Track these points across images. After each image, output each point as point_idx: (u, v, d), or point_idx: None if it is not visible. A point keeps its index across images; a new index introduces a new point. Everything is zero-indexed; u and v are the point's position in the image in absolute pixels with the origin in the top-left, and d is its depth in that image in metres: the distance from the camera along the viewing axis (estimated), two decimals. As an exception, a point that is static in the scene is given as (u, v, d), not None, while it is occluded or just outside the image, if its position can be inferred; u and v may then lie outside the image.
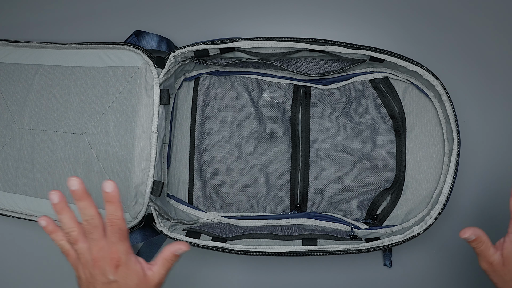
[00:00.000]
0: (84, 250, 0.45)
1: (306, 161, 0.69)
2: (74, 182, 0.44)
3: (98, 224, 0.45)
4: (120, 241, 0.45)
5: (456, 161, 0.59)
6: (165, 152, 0.69)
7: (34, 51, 0.69)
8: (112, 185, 0.44)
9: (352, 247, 0.59)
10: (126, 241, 0.46)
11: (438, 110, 0.63)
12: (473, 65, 0.70)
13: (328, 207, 0.68)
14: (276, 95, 0.69)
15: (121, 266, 0.45)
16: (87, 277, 0.45)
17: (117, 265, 0.45)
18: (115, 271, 0.45)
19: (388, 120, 0.67)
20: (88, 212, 0.45)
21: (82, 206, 0.45)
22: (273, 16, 0.74)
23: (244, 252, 0.59)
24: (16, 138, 0.67)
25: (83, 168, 0.63)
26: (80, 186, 0.44)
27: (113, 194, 0.44)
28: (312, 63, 0.65)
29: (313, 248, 0.59)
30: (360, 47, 0.58)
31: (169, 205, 0.69)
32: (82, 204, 0.45)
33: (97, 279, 0.45)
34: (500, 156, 0.69)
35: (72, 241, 0.46)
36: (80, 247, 0.45)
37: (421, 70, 0.59)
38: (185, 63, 0.66)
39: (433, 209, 0.60)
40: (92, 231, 0.45)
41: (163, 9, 0.76)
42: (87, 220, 0.45)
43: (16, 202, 0.67)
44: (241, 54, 0.63)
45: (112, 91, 0.63)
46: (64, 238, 0.47)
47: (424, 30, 0.71)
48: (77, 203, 0.45)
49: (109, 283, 0.45)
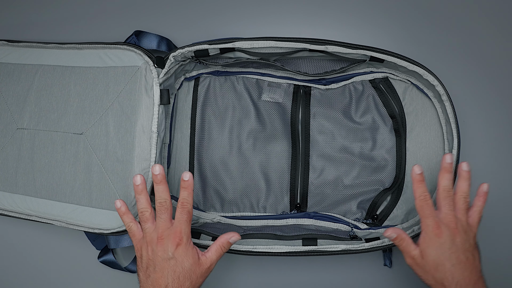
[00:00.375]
0: (151, 230, 0.53)
1: (306, 161, 0.69)
2: (157, 168, 0.53)
3: (168, 207, 0.53)
4: (186, 222, 0.52)
5: (456, 161, 0.59)
6: (165, 152, 0.69)
7: (34, 51, 0.69)
8: (190, 175, 0.53)
9: (352, 247, 0.59)
10: (190, 226, 0.53)
11: (438, 110, 0.63)
12: (473, 65, 0.70)
13: (328, 207, 0.68)
14: (276, 95, 0.69)
15: (181, 245, 0.51)
16: (148, 255, 0.52)
17: (179, 243, 0.51)
18: (175, 249, 0.51)
19: (388, 120, 0.67)
20: (163, 195, 0.53)
21: (159, 189, 0.53)
22: (273, 16, 0.74)
23: (244, 252, 0.59)
24: (16, 138, 0.67)
25: (83, 168, 0.63)
26: (162, 173, 0.53)
27: (189, 183, 0.53)
28: (312, 63, 0.65)
29: (313, 248, 0.59)
30: (360, 47, 0.58)
31: (169, 205, 0.70)
32: (160, 188, 0.53)
33: (158, 255, 0.51)
34: (500, 156, 0.69)
35: (143, 219, 0.53)
36: (149, 226, 0.53)
37: (421, 70, 0.59)
38: (185, 63, 0.66)
39: (433, 209, 0.60)
40: (163, 212, 0.52)
41: (163, 9, 0.76)
42: (160, 202, 0.53)
43: (16, 202, 0.67)
44: (241, 54, 0.63)
45: (112, 91, 0.63)
46: (133, 221, 0.54)
47: (424, 30, 0.71)
48: (156, 186, 0.53)
49: (168, 260, 0.51)
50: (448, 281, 0.50)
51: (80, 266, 0.74)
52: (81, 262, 0.74)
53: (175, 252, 0.51)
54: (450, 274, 0.50)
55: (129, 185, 0.61)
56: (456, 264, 0.50)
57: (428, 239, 0.52)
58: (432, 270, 0.51)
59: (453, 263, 0.50)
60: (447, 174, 0.53)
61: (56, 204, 0.65)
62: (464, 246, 0.51)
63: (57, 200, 0.65)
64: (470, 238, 0.52)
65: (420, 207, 0.53)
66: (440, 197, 0.53)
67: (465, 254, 0.51)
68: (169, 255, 0.51)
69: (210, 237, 0.62)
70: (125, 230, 0.62)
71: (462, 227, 0.52)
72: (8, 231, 0.77)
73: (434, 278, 0.51)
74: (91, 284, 0.74)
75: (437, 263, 0.51)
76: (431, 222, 0.52)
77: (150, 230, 0.53)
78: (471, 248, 0.52)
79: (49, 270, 0.75)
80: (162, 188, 0.53)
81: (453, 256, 0.50)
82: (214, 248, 0.54)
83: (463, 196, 0.53)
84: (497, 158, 0.69)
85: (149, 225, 0.53)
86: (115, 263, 0.70)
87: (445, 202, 0.53)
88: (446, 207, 0.52)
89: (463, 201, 0.53)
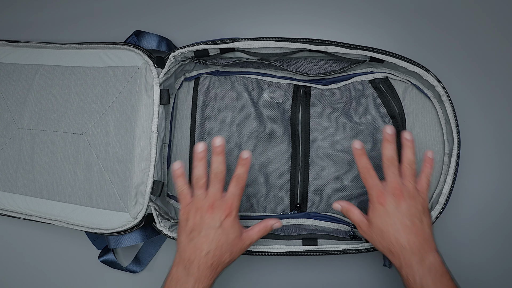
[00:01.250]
0: (203, 197, 0.53)
1: (306, 161, 0.69)
2: (219, 139, 0.54)
3: (222, 178, 0.54)
4: (238, 196, 0.54)
5: (456, 161, 0.59)
6: (165, 152, 0.69)
7: (34, 51, 0.69)
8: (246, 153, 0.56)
9: (352, 247, 0.59)
10: (240, 201, 0.54)
11: (438, 110, 0.63)
12: (473, 65, 0.70)
13: (328, 207, 0.68)
14: (276, 95, 0.69)
15: (230, 217, 0.52)
16: (195, 220, 0.52)
17: (228, 215, 0.52)
18: (224, 219, 0.52)
19: (388, 120, 0.67)
20: (221, 166, 0.54)
21: (218, 160, 0.54)
22: (273, 16, 0.74)
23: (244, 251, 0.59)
24: (16, 138, 0.67)
25: (83, 168, 0.64)
26: (223, 144, 0.54)
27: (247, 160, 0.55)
28: (312, 63, 0.65)
29: (313, 248, 0.59)
30: (360, 48, 0.58)
31: (169, 205, 0.70)
32: (218, 159, 0.54)
33: (206, 223, 0.52)
34: (500, 156, 0.69)
35: (198, 186, 0.54)
36: (201, 193, 0.54)
37: (421, 70, 0.59)
38: (185, 63, 0.66)
39: (433, 209, 0.60)
40: (217, 182, 0.54)
41: (163, 9, 0.76)
42: (216, 173, 0.54)
43: (16, 202, 0.67)
44: (241, 54, 0.63)
45: (112, 91, 0.63)
46: (185, 184, 0.55)
47: (424, 30, 0.71)
48: (215, 157, 0.54)
49: (215, 228, 0.51)
50: (393, 247, 0.51)
51: (80, 266, 0.74)
52: (81, 262, 0.74)
53: (223, 222, 0.52)
54: (394, 239, 0.51)
55: (129, 185, 0.62)
56: (400, 229, 0.51)
57: (373, 208, 0.53)
58: (379, 238, 0.52)
59: (396, 228, 0.51)
60: (389, 145, 0.55)
61: (56, 204, 0.65)
62: (410, 211, 0.51)
63: (57, 200, 0.65)
64: (418, 204, 0.52)
65: (364, 179, 0.54)
66: (384, 167, 0.54)
67: (411, 219, 0.51)
68: (217, 224, 0.52)
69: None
70: (125, 230, 0.62)
71: (409, 194, 0.52)
72: (8, 231, 0.77)
73: (382, 246, 0.53)
74: (91, 284, 0.74)
75: (382, 231, 0.52)
76: (375, 192, 0.53)
77: (202, 197, 0.54)
78: (419, 213, 0.52)
79: (49, 270, 0.75)
80: (221, 159, 0.54)
81: (397, 221, 0.51)
82: (257, 229, 0.55)
83: (409, 164, 0.54)
84: (497, 158, 0.69)
85: (201, 192, 0.54)
86: (115, 263, 0.70)
87: (389, 171, 0.54)
88: (390, 175, 0.54)
89: (409, 168, 0.54)
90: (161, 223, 0.62)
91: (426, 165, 0.56)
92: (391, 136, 0.55)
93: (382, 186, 0.53)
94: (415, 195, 0.53)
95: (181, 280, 0.50)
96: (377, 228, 0.52)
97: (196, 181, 0.54)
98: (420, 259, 0.50)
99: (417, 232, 0.51)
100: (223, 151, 0.55)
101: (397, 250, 0.51)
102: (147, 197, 0.61)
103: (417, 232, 0.51)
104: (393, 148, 0.55)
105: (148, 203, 0.61)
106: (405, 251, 0.50)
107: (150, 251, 0.72)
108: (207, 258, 0.51)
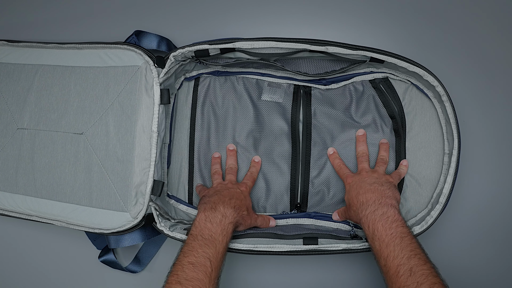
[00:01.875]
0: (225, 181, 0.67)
1: (306, 161, 0.69)
2: (232, 146, 0.70)
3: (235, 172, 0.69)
4: (251, 183, 0.67)
5: (456, 161, 0.59)
6: (165, 152, 0.69)
7: (34, 51, 0.69)
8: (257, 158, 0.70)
9: (353, 246, 0.59)
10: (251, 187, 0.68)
11: (438, 110, 0.63)
12: (473, 65, 0.70)
13: (329, 206, 0.68)
14: (276, 95, 0.69)
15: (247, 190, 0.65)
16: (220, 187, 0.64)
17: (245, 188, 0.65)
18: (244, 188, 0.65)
19: (388, 121, 0.67)
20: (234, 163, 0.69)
21: (232, 159, 0.69)
22: (273, 16, 0.74)
23: (245, 251, 0.59)
24: (16, 138, 0.67)
25: (84, 168, 0.63)
26: (235, 148, 0.70)
27: (259, 163, 0.69)
28: (312, 63, 0.65)
29: (314, 247, 0.59)
30: (360, 48, 0.58)
31: (169, 205, 0.69)
32: (232, 158, 0.69)
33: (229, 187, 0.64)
34: (500, 156, 0.69)
35: (230, 172, 0.68)
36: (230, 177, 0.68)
37: (421, 71, 0.59)
38: (185, 63, 0.66)
39: (434, 209, 0.60)
40: (231, 174, 0.68)
41: (163, 9, 0.76)
42: (231, 168, 0.69)
43: (17, 202, 0.67)
44: (242, 55, 0.63)
45: (112, 90, 0.63)
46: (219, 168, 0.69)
47: (424, 31, 0.71)
48: (230, 157, 0.69)
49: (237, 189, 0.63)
50: (355, 205, 0.58)
51: (80, 266, 0.74)
52: (82, 262, 0.74)
53: (244, 190, 0.64)
54: (355, 199, 0.59)
55: (129, 185, 0.61)
56: (361, 193, 0.59)
57: (346, 191, 0.63)
58: (351, 212, 0.60)
59: (357, 192, 0.59)
60: (361, 143, 0.66)
61: (57, 204, 0.65)
62: (371, 180, 0.60)
63: (58, 200, 0.65)
64: (381, 177, 0.61)
65: (338, 173, 0.66)
66: (358, 159, 0.66)
67: (371, 183, 0.59)
68: (239, 190, 0.63)
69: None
70: (125, 230, 0.62)
71: (374, 171, 0.62)
72: (8, 231, 0.77)
73: (353, 218, 0.61)
74: (91, 284, 0.74)
75: (350, 204, 0.61)
76: (345, 177, 0.64)
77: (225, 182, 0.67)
78: (380, 181, 0.60)
79: (49, 270, 0.75)
80: (234, 159, 0.69)
81: (359, 189, 0.59)
82: (262, 218, 0.66)
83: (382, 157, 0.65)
84: (497, 158, 0.69)
85: (231, 176, 0.68)
86: (115, 263, 0.70)
87: (360, 160, 0.65)
88: (362, 162, 0.65)
89: (382, 160, 0.65)
90: (161, 222, 0.62)
91: (403, 168, 0.65)
92: (362, 136, 0.67)
93: (351, 172, 0.64)
94: (380, 173, 0.62)
95: (209, 216, 0.57)
96: (348, 205, 0.61)
97: (230, 169, 0.68)
98: (374, 210, 0.55)
99: (375, 191, 0.58)
100: (235, 154, 0.70)
101: (357, 206, 0.58)
102: (147, 196, 0.61)
103: (375, 191, 0.58)
104: (365, 146, 0.66)
105: (148, 203, 0.61)
106: (363, 205, 0.57)
107: (150, 251, 0.72)
108: (230, 202, 0.59)
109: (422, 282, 0.46)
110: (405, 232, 0.52)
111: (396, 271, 0.49)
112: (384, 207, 0.55)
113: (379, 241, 0.52)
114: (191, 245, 0.53)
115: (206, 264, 0.51)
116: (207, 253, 0.52)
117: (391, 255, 0.50)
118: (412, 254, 0.49)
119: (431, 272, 0.47)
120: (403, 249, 0.50)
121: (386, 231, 0.52)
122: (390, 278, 0.49)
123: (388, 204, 0.55)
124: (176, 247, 0.55)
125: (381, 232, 0.52)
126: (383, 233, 0.52)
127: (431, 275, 0.47)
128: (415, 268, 0.48)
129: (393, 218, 0.53)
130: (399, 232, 0.51)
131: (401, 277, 0.48)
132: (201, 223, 0.56)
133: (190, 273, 0.50)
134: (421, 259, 0.49)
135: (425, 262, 0.48)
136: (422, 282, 0.46)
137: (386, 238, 0.51)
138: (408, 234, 0.52)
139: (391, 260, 0.50)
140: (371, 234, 0.53)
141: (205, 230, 0.55)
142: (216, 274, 0.52)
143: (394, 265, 0.49)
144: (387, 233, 0.52)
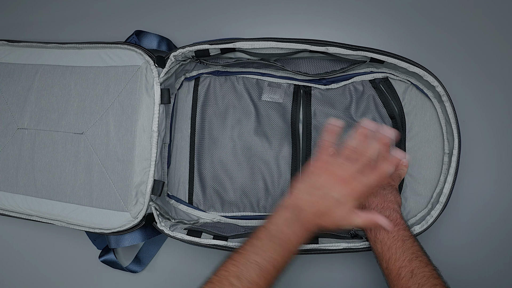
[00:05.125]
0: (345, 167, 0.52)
1: (306, 161, 0.69)
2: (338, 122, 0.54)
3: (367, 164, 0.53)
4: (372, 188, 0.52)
5: (456, 161, 0.59)
6: (165, 152, 0.69)
7: (34, 51, 0.69)
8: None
9: (353, 245, 0.59)
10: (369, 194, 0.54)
11: (438, 110, 0.63)
12: (473, 65, 0.70)
13: (329, 206, 0.68)
14: (276, 95, 0.69)
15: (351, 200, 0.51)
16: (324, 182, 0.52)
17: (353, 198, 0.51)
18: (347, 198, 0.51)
19: (388, 121, 0.67)
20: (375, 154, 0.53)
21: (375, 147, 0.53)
22: (273, 16, 0.74)
23: (245, 251, 0.59)
24: (16, 138, 0.67)
25: (84, 167, 0.63)
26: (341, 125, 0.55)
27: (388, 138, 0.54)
28: (312, 63, 0.65)
29: (314, 247, 0.59)
30: (360, 49, 0.58)
31: (169, 205, 0.69)
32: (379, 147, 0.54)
33: (332, 190, 0.51)
34: (500, 156, 0.69)
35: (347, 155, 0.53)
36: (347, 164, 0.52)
37: (421, 71, 0.59)
38: (185, 62, 0.66)
39: (434, 208, 0.60)
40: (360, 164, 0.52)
41: (163, 9, 0.76)
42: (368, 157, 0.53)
43: (17, 202, 0.67)
44: (242, 55, 0.63)
45: (113, 90, 0.63)
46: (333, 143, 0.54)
47: (424, 31, 0.71)
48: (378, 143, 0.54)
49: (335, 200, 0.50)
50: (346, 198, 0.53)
51: (80, 266, 0.74)
52: (82, 262, 0.74)
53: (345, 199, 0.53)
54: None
55: (129, 185, 0.61)
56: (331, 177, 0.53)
57: None
58: None
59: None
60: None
61: (57, 204, 0.65)
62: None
63: (58, 200, 0.65)
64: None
65: None
66: None
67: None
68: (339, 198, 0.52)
69: (211, 236, 0.62)
70: (125, 230, 0.62)
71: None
72: (9, 231, 0.77)
73: None
74: (91, 284, 0.74)
75: None
76: None
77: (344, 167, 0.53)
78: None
79: (49, 270, 0.75)
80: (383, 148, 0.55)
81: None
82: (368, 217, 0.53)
83: None
84: (497, 158, 0.69)
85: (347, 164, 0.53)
86: (116, 263, 0.70)
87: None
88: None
89: None
90: (161, 222, 0.62)
91: (403, 168, 0.62)
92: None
93: None
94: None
95: (289, 219, 0.50)
96: None
97: (350, 152, 0.54)
98: None
99: (377, 194, 0.56)
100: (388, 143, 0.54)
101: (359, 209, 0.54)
102: (148, 196, 0.61)
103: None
104: None
105: (149, 202, 0.61)
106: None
107: (151, 251, 0.72)
108: (312, 217, 0.51)
109: (423, 284, 0.47)
110: (407, 235, 0.52)
111: (397, 273, 0.49)
112: (387, 211, 0.55)
113: (381, 244, 0.52)
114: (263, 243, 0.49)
115: (270, 270, 0.48)
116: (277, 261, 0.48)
117: (393, 258, 0.50)
118: (414, 257, 0.50)
119: (432, 274, 0.48)
120: (405, 252, 0.50)
121: (388, 234, 0.52)
122: (392, 280, 0.50)
123: (390, 208, 0.55)
124: (176, 247, 0.55)
125: (383, 236, 0.53)
126: (385, 237, 0.52)
127: (432, 277, 0.48)
128: (416, 270, 0.48)
129: (395, 222, 0.53)
130: (401, 235, 0.52)
131: (403, 279, 0.48)
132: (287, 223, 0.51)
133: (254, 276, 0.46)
134: (423, 261, 0.49)
135: (427, 264, 0.49)
136: (423, 283, 0.47)
137: (388, 241, 0.52)
138: (410, 237, 0.52)
139: (392, 262, 0.50)
140: (373, 237, 0.54)
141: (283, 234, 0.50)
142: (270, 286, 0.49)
143: (395, 268, 0.50)
144: (389, 236, 0.52)
